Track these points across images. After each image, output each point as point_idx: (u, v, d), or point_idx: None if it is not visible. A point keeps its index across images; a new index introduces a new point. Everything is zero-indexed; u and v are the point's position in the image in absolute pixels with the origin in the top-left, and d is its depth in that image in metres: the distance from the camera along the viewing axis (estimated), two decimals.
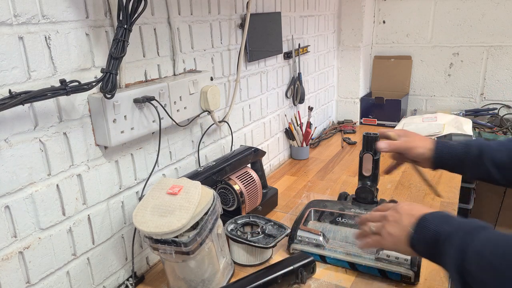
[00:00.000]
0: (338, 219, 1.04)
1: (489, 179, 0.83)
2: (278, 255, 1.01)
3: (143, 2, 0.75)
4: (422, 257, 0.70)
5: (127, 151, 0.90)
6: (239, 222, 1.04)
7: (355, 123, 2.14)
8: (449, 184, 1.37)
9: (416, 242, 0.67)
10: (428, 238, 0.65)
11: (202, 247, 0.80)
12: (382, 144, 0.93)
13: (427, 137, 0.95)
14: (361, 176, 1.06)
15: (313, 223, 1.05)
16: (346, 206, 1.06)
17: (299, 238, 0.99)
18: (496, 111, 1.99)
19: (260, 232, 0.99)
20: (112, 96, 0.76)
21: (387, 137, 0.95)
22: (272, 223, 1.03)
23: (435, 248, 0.64)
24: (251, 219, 1.05)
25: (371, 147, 1.02)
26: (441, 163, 0.88)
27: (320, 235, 0.97)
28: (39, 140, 0.71)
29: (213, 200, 0.85)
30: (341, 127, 2.05)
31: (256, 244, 0.94)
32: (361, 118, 2.15)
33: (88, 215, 0.83)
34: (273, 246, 0.95)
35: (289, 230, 0.99)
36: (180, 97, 0.98)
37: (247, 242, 0.95)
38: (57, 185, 0.75)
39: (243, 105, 1.33)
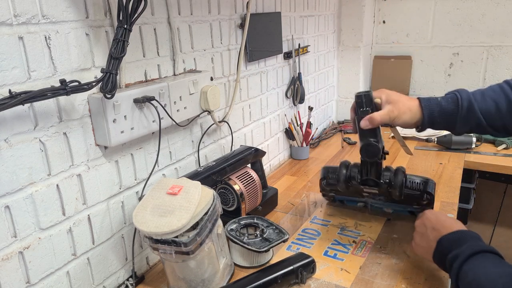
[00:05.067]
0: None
1: (477, 130, 0.89)
2: (277, 255, 1.01)
3: (143, 2, 0.75)
4: (441, 269, 0.84)
5: (127, 151, 0.90)
6: (242, 222, 1.03)
7: None
8: (449, 184, 1.37)
9: (436, 260, 0.84)
10: (441, 258, 0.82)
11: (202, 247, 0.80)
12: (364, 123, 0.90)
13: (411, 98, 0.95)
14: (362, 135, 0.94)
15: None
16: (356, 188, 0.98)
17: None
18: None
19: (258, 235, 0.98)
20: (112, 96, 0.76)
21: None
22: (274, 227, 1.01)
23: (447, 266, 0.80)
24: (255, 220, 1.04)
25: (370, 104, 0.93)
26: (431, 124, 0.91)
27: None
28: (39, 140, 0.71)
29: (213, 200, 0.85)
30: (341, 127, 2.05)
31: (247, 246, 0.93)
32: None
33: (88, 215, 0.83)
34: (264, 251, 0.93)
35: (287, 236, 0.97)
36: (180, 97, 0.98)
37: (240, 243, 0.94)
38: (57, 185, 0.75)
39: (243, 105, 1.33)
